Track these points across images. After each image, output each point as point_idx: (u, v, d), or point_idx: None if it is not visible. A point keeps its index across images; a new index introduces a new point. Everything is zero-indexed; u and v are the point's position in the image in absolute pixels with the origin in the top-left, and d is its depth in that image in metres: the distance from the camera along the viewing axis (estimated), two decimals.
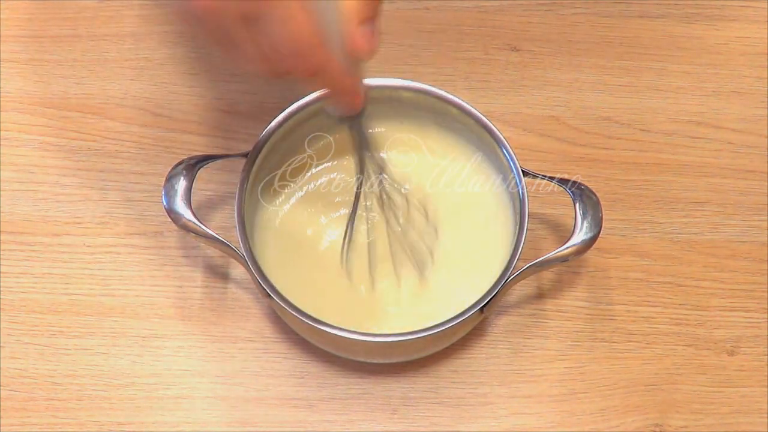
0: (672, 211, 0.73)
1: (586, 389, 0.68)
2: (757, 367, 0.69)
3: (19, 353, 0.68)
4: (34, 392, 0.67)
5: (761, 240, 0.72)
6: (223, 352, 0.68)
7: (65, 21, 0.79)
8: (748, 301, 0.70)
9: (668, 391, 0.68)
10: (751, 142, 0.75)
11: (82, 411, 0.67)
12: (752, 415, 0.67)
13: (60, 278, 0.70)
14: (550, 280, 0.71)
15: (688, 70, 0.78)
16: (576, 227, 0.62)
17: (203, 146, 0.74)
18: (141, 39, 0.78)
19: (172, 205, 0.63)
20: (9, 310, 0.69)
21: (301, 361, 0.68)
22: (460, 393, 0.68)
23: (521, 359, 0.69)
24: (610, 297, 0.70)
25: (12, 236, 0.71)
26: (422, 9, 0.80)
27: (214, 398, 0.67)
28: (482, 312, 0.62)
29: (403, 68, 0.77)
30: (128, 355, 0.68)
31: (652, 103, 0.77)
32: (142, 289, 0.70)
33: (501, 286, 0.61)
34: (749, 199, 0.74)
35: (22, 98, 0.76)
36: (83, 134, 0.75)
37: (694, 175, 0.74)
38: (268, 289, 0.61)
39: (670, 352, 0.69)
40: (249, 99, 0.76)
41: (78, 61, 0.77)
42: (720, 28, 0.79)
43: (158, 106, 0.76)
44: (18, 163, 0.74)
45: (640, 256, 0.71)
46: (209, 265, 0.71)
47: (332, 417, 0.67)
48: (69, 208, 0.72)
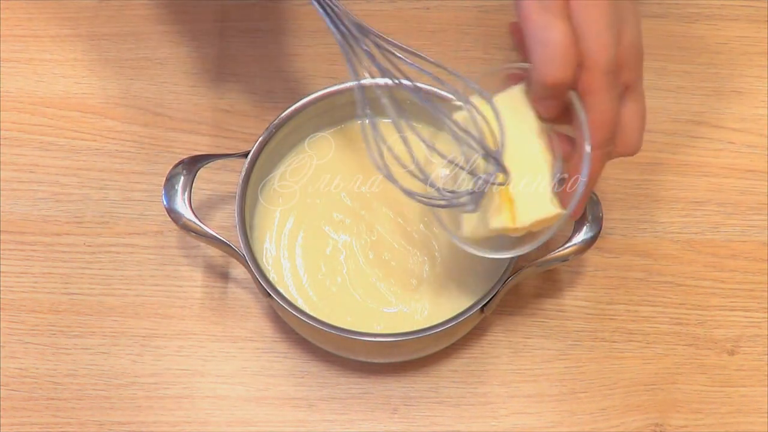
0: (672, 210, 0.73)
1: (586, 389, 0.68)
2: (757, 367, 0.69)
3: (20, 353, 0.68)
4: (35, 392, 0.67)
5: (761, 240, 0.72)
6: (223, 351, 0.68)
7: (65, 20, 0.79)
8: (748, 301, 0.70)
9: (668, 391, 0.68)
10: (751, 142, 0.75)
11: (83, 410, 0.67)
12: (752, 415, 0.67)
13: (60, 278, 0.70)
14: (550, 279, 0.71)
15: (688, 69, 0.78)
16: (576, 227, 0.62)
17: (203, 146, 0.74)
18: (141, 39, 0.78)
19: (173, 204, 0.63)
20: (9, 309, 0.69)
21: (301, 361, 0.68)
22: (460, 393, 0.68)
23: (521, 359, 0.69)
24: (610, 297, 0.70)
25: (12, 236, 0.71)
26: (422, 9, 0.80)
27: (214, 398, 0.67)
28: (482, 312, 0.63)
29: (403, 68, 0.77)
30: (128, 355, 0.68)
31: (652, 103, 0.76)
32: (142, 288, 0.70)
33: (501, 286, 0.61)
34: (749, 198, 0.74)
35: (22, 98, 0.76)
36: (83, 134, 0.75)
37: (694, 174, 0.74)
38: (269, 289, 0.62)
39: (671, 351, 0.69)
40: (249, 99, 0.76)
41: (78, 60, 0.77)
42: (720, 27, 0.79)
43: (158, 106, 0.76)
44: (18, 163, 0.74)
45: (640, 256, 0.71)
46: (209, 264, 0.71)
47: (332, 417, 0.67)
48: (69, 208, 0.72)
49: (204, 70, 0.77)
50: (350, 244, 0.67)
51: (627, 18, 0.52)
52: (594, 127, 0.52)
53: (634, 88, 0.54)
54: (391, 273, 0.66)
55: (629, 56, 0.52)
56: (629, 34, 0.52)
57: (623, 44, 0.52)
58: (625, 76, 0.53)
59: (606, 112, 0.52)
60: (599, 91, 0.51)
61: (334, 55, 0.74)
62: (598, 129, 0.52)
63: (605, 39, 0.51)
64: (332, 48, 0.76)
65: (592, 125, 0.52)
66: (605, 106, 0.52)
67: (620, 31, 0.51)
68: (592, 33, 0.51)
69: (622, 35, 0.52)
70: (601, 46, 0.51)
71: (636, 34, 0.53)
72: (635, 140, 0.55)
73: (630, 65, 0.52)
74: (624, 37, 0.52)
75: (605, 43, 0.51)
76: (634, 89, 0.54)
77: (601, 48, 0.51)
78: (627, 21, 0.52)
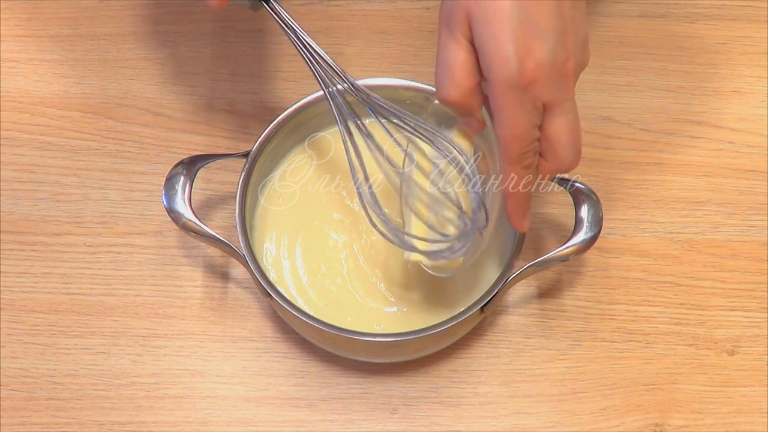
0: (672, 210, 0.73)
1: (586, 389, 0.68)
2: (757, 367, 0.69)
3: (20, 353, 0.68)
4: (35, 392, 0.67)
5: (761, 239, 0.72)
6: (223, 351, 0.68)
7: (65, 20, 0.79)
8: (749, 301, 0.70)
9: (668, 391, 0.68)
10: (751, 142, 0.75)
11: (83, 410, 0.67)
12: (752, 415, 0.67)
13: (60, 278, 0.70)
14: (550, 279, 0.71)
15: (688, 69, 0.78)
16: (576, 227, 0.62)
17: (203, 146, 0.74)
18: (141, 39, 0.78)
19: (173, 204, 0.63)
20: (9, 309, 0.69)
21: (301, 361, 0.68)
22: (460, 393, 0.68)
23: (521, 359, 0.69)
24: (610, 296, 0.70)
25: (12, 236, 0.71)
26: (422, 9, 0.80)
27: (214, 398, 0.67)
28: (482, 312, 0.63)
29: (404, 68, 0.77)
30: (128, 355, 0.68)
31: (652, 103, 0.77)
32: (142, 288, 0.70)
33: (501, 286, 0.61)
34: (749, 198, 0.73)
35: (22, 98, 0.76)
36: (83, 134, 0.75)
37: (694, 174, 0.74)
38: (269, 289, 0.62)
39: (671, 351, 0.69)
40: (249, 99, 0.76)
41: (78, 60, 0.77)
42: (720, 27, 0.79)
43: (158, 106, 0.76)
44: (18, 163, 0.74)
45: (640, 256, 0.71)
46: (209, 264, 0.71)
47: (332, 416, 0.67)
48: (69, 208, 0.72)
49: (204, 70, 0.77)
50: (350, 244, 0.67)
51: (543, 35, 0.51)
52: (504, 141, 0.53)
53: (558, 106, 0.53)
54: (391, 273, 0.66)
55: (540, 73, 0.51)
56: (539, 50, 0.51)
57: (531, 61, 0.51)
58: (538, 91, 0.52)
59: (513, 127, 0.52)
60: (504, 106, 0.52)
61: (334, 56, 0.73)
62: (508, 143, 0.53)
63: (504, 53, 0.50)
64: (332, 48, 0.77)
65: (501, 140, 0.53)
66: (512, 122, 0.52)
67: (528, 47, 0.51)
68: (490, 47, 0.51)
69: (529, 51, 0.51)
70: (499, 60, 0.51)
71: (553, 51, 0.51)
72: (566, 155, 0.55)
73: (542, 81, 0.51)
74: (532, 53, 0.51)
75: (503, 57, 0.50)
76: (558, 107, 0.53)
77: (499, 62, 0.51)
78: (542, 38, 0.51)
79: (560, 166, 0.55)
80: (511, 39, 0.50)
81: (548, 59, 0.51)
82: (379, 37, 0.79)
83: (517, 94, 0.51)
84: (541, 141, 0.54)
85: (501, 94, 0.51)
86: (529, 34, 0.51)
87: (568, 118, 0.54)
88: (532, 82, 0.51)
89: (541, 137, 0.54)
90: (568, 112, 0.54)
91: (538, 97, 0.52)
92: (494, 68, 0.51)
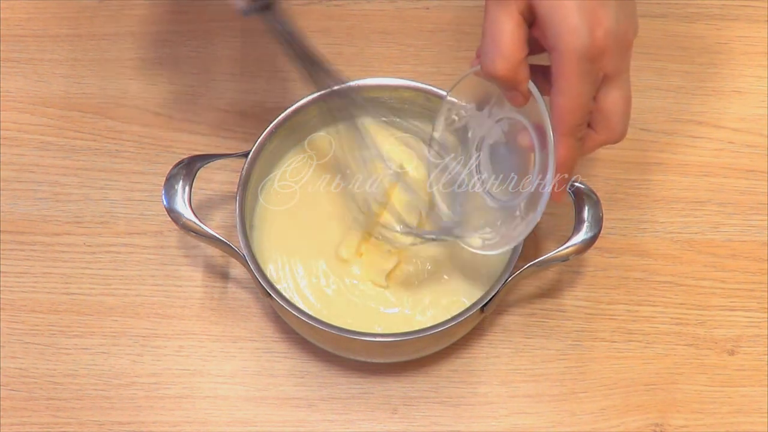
0: (672, 210, 0.73)
1: (586, 389, 0.68)
2: (757, 367, 0.69)
3: (20, 353, 0.68)
4: (35, 392, 0.67)
5: (761, 239, 0.72)
6: (223, 351, 0.68)
7: (65, 20, 0.79)
8: (749, 301, 0.70)
9: (668, 391, 0.68)
10: (752, 142, 0.75)
11: (83, 410, 0.67)
12: (752, 415, 0.67)
13: (60, 278, 0.70)
14: (550, 279, 0.71)
15: (688, 69, 0.78)
16: (576, 227, 0.62)
17: (203, 146, 0.74)
18: (141, 38, 0.78)
19: (173, 204, 0.63)
20: (9, 309, 0.69)
21: (301, 361, 0.68)
22: (460, 393, 0.68)
23: (521, 359, 0.69)
24: (610, 296, 0.70)
25: (12, 236, 0.71)
26: (422, 9, 0.80)
27: (214, 398, 0.67)
28: (482, 312, 0.63)
29: (404, 68, 0.77)
30: (128, 355, 0.68)
31: (652, 103, 0.77)
32: (142, 288, 0.70)
33: (501, 285, 0.61)
34: (749, 198, 0.73)
35: (22, 98, 0.76)
36: (83, 134, 0.75)
37: (694, 174, 0.74)
38: (269, 289, 0.62)
39: (671, 351, 0.69)
40: (249, 99, 0.76)
41: (78, 60, 0.77)
42: (720, 27, 0.79)
43: (158, 106, 0.76)
44: (18, 163, 0.74)
45: (640, 256, 0.71)
46: (209, 264, 0.71)
47: (332, 416, 0.67)
48: (69, 208, 0.72)
49: (204, 70, 0.77)
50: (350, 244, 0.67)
51: (607, 3, 0.51)
52: (562, 111, 0.52)
53: (617, 77, 0.53)
54: (391, 273, 0.66)
55: (608, 43, 0.51)
56: (607, 20, 0.50)
57: (600, 30, 0.50)
58: (606, 63, 0.51)
59: (576, 97, 0.51)
60: (569, 75, 0.51)
61: (333, 56, 0.74)
62: (566, 113, 0.52)
63: (573, 22, 0.50)
64: (332, 48, 0.77)
65: (560, 110, 0.52)
66: (576, 91, 0.51)
67: (596, 17, 0.50)
68: (558, 17, 0.50)
69: (598, 21, 0.50)
70: (569, 29, 0.50)
71: (618, 20, 0.51)
72: (618, 126, 0.54)
73: (611, 52, 0.51)
74: (601, 23, 0.50)
75: (573, 27, 0.50)
76: (618, 77, 0.53)
77: (569, 32, 0.50)
78: (606, 6, 0.50)
79: (612, 138, 0.55)
80: (578, 8, 0.50)
81: (614, 29, 0.51)
82: (379, 37, 0.79)
83: (585, 64, 0.50)
84: (594, 112, 0.54)
85: (568, 63, 0.50)
86: (595, 2, 0.50)
87: (625, 89, 0.53)
88: (602, 52, 0.50)
89: (594, 108, 0.53)
90: (625, 83, 0.53)
91: (603, 68, 0.51)
92: (564, 38, 0.50)
